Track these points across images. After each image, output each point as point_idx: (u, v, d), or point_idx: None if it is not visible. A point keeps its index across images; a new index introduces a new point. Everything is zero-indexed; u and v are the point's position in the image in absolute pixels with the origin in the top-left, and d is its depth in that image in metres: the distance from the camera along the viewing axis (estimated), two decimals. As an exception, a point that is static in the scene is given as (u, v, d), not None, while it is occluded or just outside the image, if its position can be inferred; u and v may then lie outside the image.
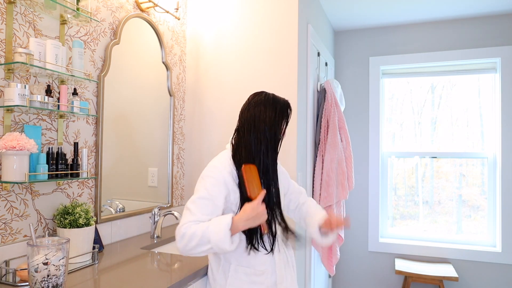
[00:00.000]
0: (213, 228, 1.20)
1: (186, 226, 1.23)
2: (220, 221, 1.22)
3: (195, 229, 1.22)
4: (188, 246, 1.22)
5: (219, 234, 1.19)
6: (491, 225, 3.00)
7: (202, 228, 1.21)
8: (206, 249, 1.22)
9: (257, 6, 2.27)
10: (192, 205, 1.27)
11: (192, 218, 1.24)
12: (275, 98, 1.38)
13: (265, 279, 1.34)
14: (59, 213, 1.46)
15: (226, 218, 1.22)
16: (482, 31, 3.01)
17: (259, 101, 1.36)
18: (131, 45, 1.97)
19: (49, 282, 1.05)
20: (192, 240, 1.21)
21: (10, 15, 1.35)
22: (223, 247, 1.20)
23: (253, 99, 1.38)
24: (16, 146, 1.26)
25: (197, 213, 1.25)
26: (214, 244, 1.20)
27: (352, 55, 3.36)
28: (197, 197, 1.28)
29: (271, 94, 1.40)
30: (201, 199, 1.27)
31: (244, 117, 1.37)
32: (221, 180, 1.29)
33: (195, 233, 1.21)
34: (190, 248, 1.22)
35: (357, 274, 3.27)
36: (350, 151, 2.69)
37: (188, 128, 2.46)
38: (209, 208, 1.26)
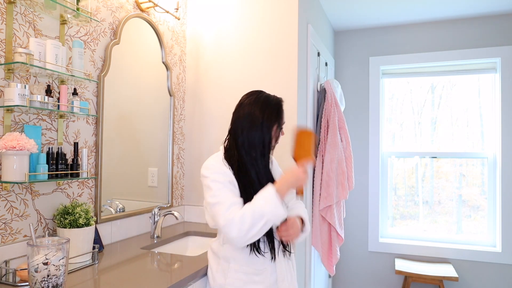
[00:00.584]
0: (260, 201, 1.19)
1: (230, 212, 1.21)
2: (264, 193, 1.21)
3: (243, 211, 1.20)
4: (243, 230, 1.18)
5: (271, 203, 1.18)
6: (491, 225, 3.00)
7: (249, 207, 1.20)
8: (262, 225, 1.18)
9: (257, 6, 2.27)
10: (216, 198, 1.26)
11: (227, 204, 1.23)
12: (267, 99, 1.36)
13: (264, 278, 1.34)
14: (59, 213, 1.46)
15: (268, 188, 1.22)
16: (482, 31, 3.01)
17: (250, 102, 1.36)
18: (131, 45, 1.97)
19: (49, 282, 1.05)
20: (244, 222, 1.18)
21: (10, 15, 1.35)
22: (279, 213, 1.18)
23: (245, 99, 1.38)
24: (16, 146, 1.26)
25: (225, 201, 1.24)
26: (269, 214, 1.18)
27: (352, 55, 3.36)
28: (213, 192, 1.27)
29: (264, 94, 1.38)
30: (218, 190, 1.27)
31: (234, 118, 1.38)
32: (221, 172, 1.30)
33: (245, 214, 1.19)
34: (246, 230, 1.18)
35: (357, 274, 3.27)
36: (350, 151, 2.69)
37: (188, 128, 2.46)
38: (230, 192, 1.26)
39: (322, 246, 2.57)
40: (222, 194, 1.26)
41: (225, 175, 1.30)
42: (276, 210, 1.19)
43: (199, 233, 2.13)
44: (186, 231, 2.13)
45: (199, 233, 2.13)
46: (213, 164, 1.33)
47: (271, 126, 1.35)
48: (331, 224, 2.56)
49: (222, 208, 1.23)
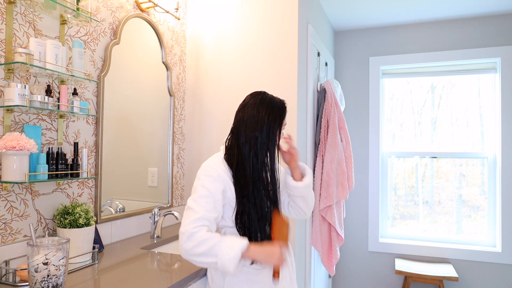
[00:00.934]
0: (226, 245, 1.17)
1: (195, 226, 1.19)
2: (236, 241, 1.20)
3: (208, 237, 1.18)
4: (194, 250, 1.17)
5: (230, 254, 1.16)
6: (491, 225, 3.00)
7: (215, 240, 1.18)
8: (208, 261, 1.18)
9: (257, 6, 2.27)
10: (194, 203, 1.25)
11: (197, 216, 1.21)
12: (271, 101, 1.35)
13: (263, 278, 1.34)
14: (59, 213, 1.46)
15: (242, 240, 1.20)
16: (482, 31, 3.01)
17: (254, 102, 1.34)
18: (131, 45, 1.97)
19: (49, 282, 1.05)
20: (200, 246, 1.17)
21: (10, 15, 1.35)
22: (228, 266, 1.16)
23: (249, 100, 1.37)
24: (16, 146, 1.26)
25: (200, 210, 1.23)
26: (220, 261, 1.16)
27: (352, 55, 3.36)
28: (197, 196, 1.26)
29: (269, 95, 1.37)
30: (201, 197, 1.26)
31: (237, 118, 1.36)
32: (216, 176, 1.29)
33: (206, 241, 1.17)
34: (195, 254, 1.18)
35: (357, 274, 3.27)
36: (350, 151, 2.69)
37: (188, 128, 2.46)
38: (210, 205, 1.25)
39: (322, 246, 2.57)
40: (200, 203, 1.24)
41: (218, 182, 1.28)
42: (228, 263, 1.16)
43: (199, 233, 2.12)
44: (186, 231, 2.12)
45: (199, 233, 2.12)
46: (211, 167, 1.31)
47: (275, 128, 1.34)
48: (331, 224, 2.56)
49: (191, 217, 1.21)
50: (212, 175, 1.29)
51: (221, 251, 1.17)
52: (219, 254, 1.16)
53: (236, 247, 1.18)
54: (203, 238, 1.17)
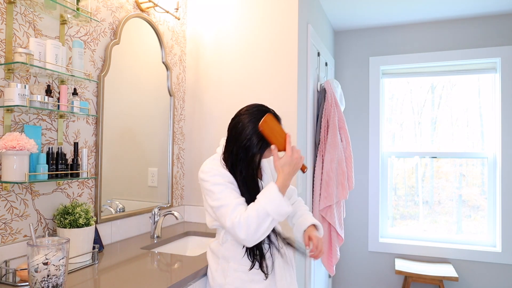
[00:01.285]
0: (264, 201, 1.20)
1: (235, 215, 1.21)
2: (267, 191, 1.22)
3: (248, 213, 1.20)
4: (250, 230, 1.19)
5: (274, 201, 1.19)
6: (491, 225, 3.00)
7: (254, 207, 1.21)
8: (268, 223, 1.20)
9: (257, 6, 2.27)
10: (219, 201, 1.26)
11: (231, 207, 1.23)
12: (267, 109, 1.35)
13: (264, 277, 1.34)
14: (59, 213, 1.46)
15: (271, 186, 1.23)
16: (482, 31, 3.01)
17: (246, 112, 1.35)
18: (131, 45, 1.97)
19: (49, 282, 1.05)
20: (251, 223, 1.19)
21: (10, 15, 1.35)
22: (284, 210, 1.19)
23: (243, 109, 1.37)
24: (16, 146, 1.26)
25: (230, 201, 1.25)
26: (274, 213, 1.19)
27: (352, 55, 3.36)
28: (217, 194, 1.27)
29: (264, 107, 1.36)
30: (221, 192, 1.27)
31: (229, 125, 1.38)
32: (219, 174, 1.31)
33: (250, 215, 1.20)
34: (253, 231, 1.19)
35: (357, 274, 3.27)
36: (350, 151, 2.69)
37: (188, 128, 2.46)
38: (234, 192, 1.27)
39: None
40: (225, 196, 1.26)
41: (224, 176, 1.31)
42: (280, 208, 1.20)
43: (199, 233, 2.13)
44: (186, 231, 2.13)
45: (199, 233, 2.13)
46: (211, 167, 1.33)
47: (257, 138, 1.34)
48: (331, 224, 2.56)
49: (227, 211, 1.24)
50: (215, 173, 1.31)
51: (267, 208, 1.19)
52: (269, 210, 1.19)
53: (273, 193, 1.21)
54: (246, 216, 1.20)
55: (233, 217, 1.22)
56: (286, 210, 1.21)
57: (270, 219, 1.20)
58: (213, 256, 1.41)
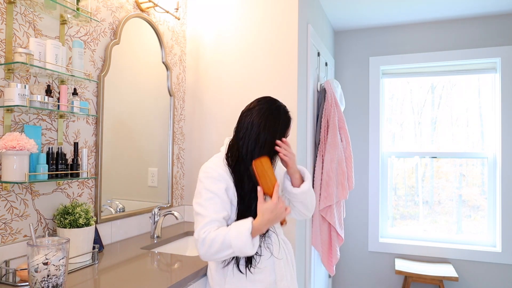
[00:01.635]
0: (233, 234, 1.20)
1: (205, 231, 1.23)
2: (240, 226, 1.21)
3: (215, 235, 1.21)
4: (209, 252, 1.22)
5: (241, 239, 1.19)
6: (491, 225, 3.00)
7: (223, 233, 1.21)
8: (228, 254, 1.22)
9: (257, 6, 2.27)
10: (201, 208, 1.27)
11: (206, 220, 1.24)
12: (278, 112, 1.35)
13: (264, 277, 1.34)
14: (59, 213, 1.46)
15: (246, 223, 1.22)
16: (482, 31, 3.01)
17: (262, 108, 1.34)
18: (131, 45, 1.97)
19: (49, 282, 1.05)
20: (212, 246, 1.21)
21: (10, 15, 1.35)
22: (245, 251, 1.20)
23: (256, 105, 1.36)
24: (16, 146, 1.26)
25: (208, 214, 1.25)
26: (236, 249, 1.20)
27: (352, 55, 3.36)
28: (202, 199, 1.28)
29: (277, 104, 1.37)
30: (207, 200, 1.27)
31: (243, 121, 1.35)
32: (217, 176, 1.30)
33: (216, 239, 1.20)
34: (212, 254, 1.22)
35: (357, 274, 3.27)
36: (350, 151, 2.69)
37: (188, 128, 2.46)
38: (218, 205, 1.27)
39: (322, 246, 2.57)
40: (207, 207, 1.26)
41: (220, 182, 1.29)
42: (244, 248, 1.20)
43: (199, 233, 2.12)
44: (186, 231, 2.13)
45: (199, 233, 2.12)
46: (212, 168, 1.32)
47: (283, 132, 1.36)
48: (331, 224, 2.56)
49: (201, 223, 1.24)
50: (213, 176, 1.30)
51: (232, 241, 1.19)
52: (232, 244, 1.20)
53: (243, 232, 1.20)
54: (212, 238, 1.21)
55: (201, 232, 1.23)
56: (248, 253, 1.21)
57: (231, 251, 1.21)
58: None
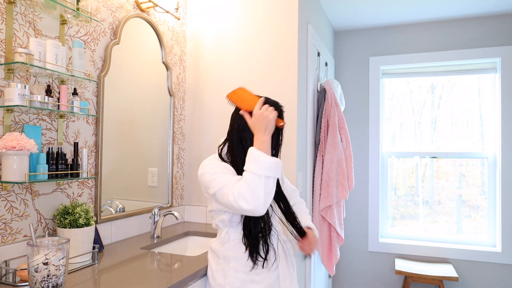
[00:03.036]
0: (248, 166, 1.21)
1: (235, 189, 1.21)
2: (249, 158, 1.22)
3: (241, 183, 1.20)
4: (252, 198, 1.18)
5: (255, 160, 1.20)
6: (491, 225, 3.00)
7: (245, 174, 1.21)
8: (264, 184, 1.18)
9: (257, 6, 2.27)
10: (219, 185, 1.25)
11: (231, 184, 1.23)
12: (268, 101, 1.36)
13: (264, 277, 1.34)
14: (59, 213, 1.46)
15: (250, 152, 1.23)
16: (482, 31, 3.01)
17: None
18: (131, 45, 1.97)
19: (49, 282, 1.05)
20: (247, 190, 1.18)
21: (10, 15, 1.35)
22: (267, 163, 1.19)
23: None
24: (16, 146, 1.26)
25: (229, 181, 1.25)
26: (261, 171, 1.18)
27: (352, 55, 3.36)
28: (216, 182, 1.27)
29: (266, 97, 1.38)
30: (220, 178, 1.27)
31: (230, 121, 1.41)
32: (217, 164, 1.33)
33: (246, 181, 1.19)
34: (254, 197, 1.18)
35: (357, 274, 3.27)
36: (350, 151, 2.69)
37: (188, 128, 2.46)
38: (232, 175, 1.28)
39: (322, 246, 2.57)
40: (225, 179, 1.27)
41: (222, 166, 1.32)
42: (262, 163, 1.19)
43: (199, 233, 2.13)
44: (186, 231, 2.13)
45: (199, 233, 2.13)
46: (209, 162, 1.35)
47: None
48: (331, 224, 2.56)
49: (228, 189, 1.23)
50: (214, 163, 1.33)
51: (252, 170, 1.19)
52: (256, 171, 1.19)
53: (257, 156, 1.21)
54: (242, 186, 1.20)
55: (234, 190, 1.21)
56: (269, 162, 1.19)
57: (263, 179, 1.19)
58: (213, 256, 1.41)
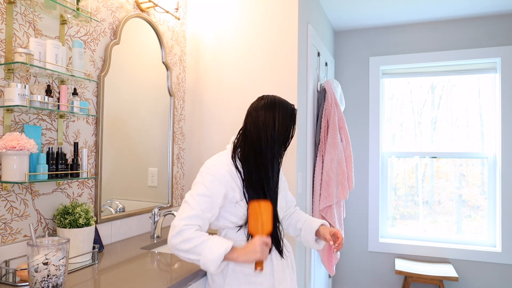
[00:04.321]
0: (210, 245, 1.19)
1: (186, 224, 1.22)
2: (220, 243, 1.20)
3: (194, 235, 1.20)
4: (180, 246, 1.20)
5: (212, 254, 1.18)
6: (491, 225, 3.00)
7: (201, 239, 1.20)
8: (191, 258, 1.21)
9: (257, 6, 2.27)
10: (191, 199, 1.26)
11: (192, 213, 1.23)
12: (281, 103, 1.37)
13: (263, 280, 1.34)
14: (59, 213, 1.46)
15: (227, 243, 1.21)
16: (482, 31, 3.01)
17: (264, 105, 1.36)
18: (131, 45, 1.97)
19: (49, 282, 1.05)
20: (186, 243, 1.20)
21: (10, 15, 1.35)
22: (209, 266, 1.19)
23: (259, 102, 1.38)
24: (16, 146, 1.26)
25: (195, 208, 1.25)
26: (202, 260, 1.19)
27: (352, 55, 3.36)
28: (196, 193, 1.27)
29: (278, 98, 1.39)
30: (200, 196, 1.27)
31: (248, 120, 1.37)
32: (220, 178, 1.29)
33: (192, 239, 1.20)
34: (180, 249, 1.21)
35: (357, 274, 3.27)
36: (350, 151, 2.69)
37: (188, 128, 2.46)
38: (207, 205, 1.26)
39: (322, 246, 2.57)
40: (198, 201, 1.26)
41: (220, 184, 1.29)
42: (209, 264, 1.18)
43: (199, 233, 2.12)
44: (186, 231, 2.12)
45: (199, 233, 2.12)
46: (215, 166, 1.31)
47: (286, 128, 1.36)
48: (331, 224, 2.56)
49: (186, 212, 1.24)
50: (215, 174, 1.29)
51: (204, 250, 1.19)
52: (202, 253, 1.19)
53: (220, 249, 1.19)
54: (190, 236, 1.20)
55: (183, 222, 1.22)
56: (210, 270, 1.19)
57: (197, 259, 1.20)
58: None
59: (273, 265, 1.37)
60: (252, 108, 1.39)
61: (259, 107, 1.36)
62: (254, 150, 1.33)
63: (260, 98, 1.40)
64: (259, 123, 1.34)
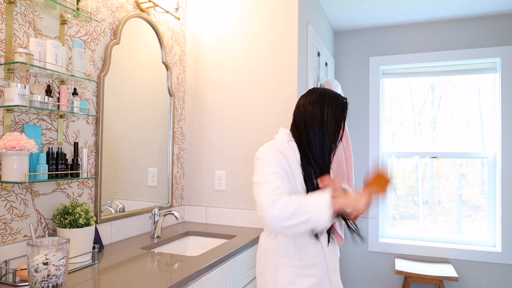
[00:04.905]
0: (311, 199, 1.16)
1: (276, 193, 1.17)
2: (319, 195, 1.17)
3: (291, 199, 1.16)
4: (283, 214, 1.14)
5: (321, 205, 1.13)
6: (491, 225, 3.00)
7: (299, 199, 1.16)
8: (302, 220, 1.14)
9: (257, 6, 2.27)
10: (262, 179, 1.23)
11: (272, 186, 1.20)
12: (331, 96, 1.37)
13: (316, 271, 1.35)
14: (59, 213, 1.46)
15: (326, 193, 1.17)
16: (482, 31, 3.01)
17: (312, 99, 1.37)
18: (131, 45, 1.97)
19: (49, 282, 1.05)
20: (287, 208, 1.14)
21: (10, 15, 1.35)
22: (324, 218, 1.13)
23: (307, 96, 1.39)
24: (16, 146, 1.26)
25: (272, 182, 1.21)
26: (314, 214, 1.13)
27: (352, 55, 3.36)
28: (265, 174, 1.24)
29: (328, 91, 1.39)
30: (269, 173, 1.24)
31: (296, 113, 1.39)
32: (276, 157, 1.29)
33: (291, 201, 1.15)
34: (284, 217, 1.14)
35: (357, 274, 3.27)
36: (350, 151, 2.69)
37: (188, 128, 2.46)
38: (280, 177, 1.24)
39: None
40: (270, 177, 1.24)
41: (280, 162, 1.29)
42: (322, 213, 1.13)
43: (199, 233, 2.13)
44: (186, 231, 2.13)
45: (199, 233, 2.13)
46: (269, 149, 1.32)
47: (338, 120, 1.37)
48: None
49: (267, 188, 1.20)
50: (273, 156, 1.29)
51: (311, 204, 1.14)
52: (311, 207, 1.14)
53: (323, 200, 1.15)
54: (287, 201, 1.16)
55: (272, 194, 1.17)
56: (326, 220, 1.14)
57: (308, 217, 1.14)
58: (263, 252, 1.41)
59: (325, 255, 1.36)
60: (301, 102, 1.40)
61: (307, 101, 1.38)
62: (302, 142, 1.34)
63: (310, 91, 1.41)
64: (306, 117, 1.35)
